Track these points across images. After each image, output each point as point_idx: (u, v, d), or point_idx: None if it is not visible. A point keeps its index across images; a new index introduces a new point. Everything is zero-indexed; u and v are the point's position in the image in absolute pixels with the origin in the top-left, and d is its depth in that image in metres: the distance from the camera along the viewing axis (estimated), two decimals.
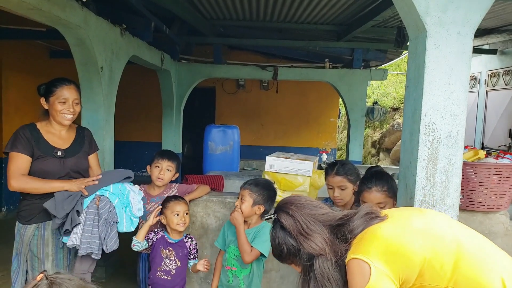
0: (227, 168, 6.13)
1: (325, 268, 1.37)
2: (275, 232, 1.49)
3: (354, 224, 1.40)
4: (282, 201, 1.54)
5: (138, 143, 9.04)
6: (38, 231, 2.39)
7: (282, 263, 1.55)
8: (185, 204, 2.65)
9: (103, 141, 3.90)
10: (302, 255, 1.42)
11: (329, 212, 1.47)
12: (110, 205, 2.42)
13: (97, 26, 3.69)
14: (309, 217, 1.43)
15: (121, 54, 4.31)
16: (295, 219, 1.43)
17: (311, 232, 1.40)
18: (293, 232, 1.43)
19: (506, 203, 2.61)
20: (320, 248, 1.38)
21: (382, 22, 5.61)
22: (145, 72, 6.99)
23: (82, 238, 2.33)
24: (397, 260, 1.28)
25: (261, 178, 2.66)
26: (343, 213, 1.46)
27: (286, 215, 1.46)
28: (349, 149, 7.53)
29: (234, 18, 6.23)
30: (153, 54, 5.56)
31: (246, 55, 8.56)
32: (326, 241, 1.39)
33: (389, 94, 13.46)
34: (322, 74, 7.37)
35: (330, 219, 1.44)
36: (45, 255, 2.39)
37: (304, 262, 1.42)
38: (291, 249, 1.43)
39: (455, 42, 1.85)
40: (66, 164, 2.44)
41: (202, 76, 7.25)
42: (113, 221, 2.43)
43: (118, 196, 2.47)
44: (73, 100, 2.44)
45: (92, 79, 3.81)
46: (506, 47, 7.04)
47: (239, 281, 2.41)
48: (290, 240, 1.43)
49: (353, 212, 1.45)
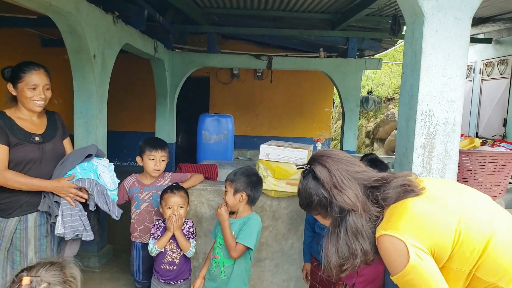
0: (221, 158, 6.10)
1: (358, 223, 1.34)
2: (306, 182, 1.45)
3: (388, 193, 1.35)
4: (318, 153, 1.49)
5: (131, 133, 8.98)
6: (20, 224, 2.31)
7: (307, 213, 1.53)
8: (180, 196, 2.58)
9: (96, 131, 3.86)
10: (333, 207, 1.38)
11: (365, 171, 1.43)
12: (91, 179, 2.35)
13: (89, 13, 3.62)
14: (344, 172, 1.39)
15: (113, 42, 4.25)
16: (331, 172, 1.39)
17: (345, 187, 1.36)
18: (327, 185, 1.38)
19: (501, 191, 2.61)
20: (353, 203, 1.34)
21: (377, 11, 5.57)
22: (139, 61, 6.91)
23: (64, 224, 2.28)
24: (430, 239, 1.25)
25: (242, 167, 2.60)
26: (379, 175, 1.41)
27: (321, 167, 1.41)
28: (343, 139, 7.53)
29: (228, 6, 6.17)
30: (146, 42, 5.49)
31: (240, 44, 8.49)
32: (358, 198, 1.35)
33: (383, 84, 13.45)
34: (316, 64, 7.34)
35: (366, 178, 1.40)
36: (29, 248, 2.33)
37: (335, 214, 1.38)
38: (323, 200, 1.40)
39: (453, 26, 1.83)
40: (45, 149, 2.36)
41: (196, 65, 7.19)
42: (104, 190, 2.37)
43: (91, 171, 2.40)
44: (43, 86, 2.32)
45: (84, 68, 3.76)
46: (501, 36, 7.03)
47: (220, 271, 2.36)
48: (323, 191, 1.39)
49: (389, 178, 1.39)
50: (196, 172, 3.25)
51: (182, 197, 2.60)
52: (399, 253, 1.24)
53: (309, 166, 1.47)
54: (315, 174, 1.42)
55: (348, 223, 1.35)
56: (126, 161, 8.94)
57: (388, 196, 1.35)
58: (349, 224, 1.35)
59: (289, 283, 3.14)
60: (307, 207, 1.48)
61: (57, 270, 1.24)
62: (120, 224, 2.65)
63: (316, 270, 2.59)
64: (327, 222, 1.46)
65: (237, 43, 8.56)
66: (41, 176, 2.32)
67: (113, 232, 4.17)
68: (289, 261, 3.10)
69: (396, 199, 1.34)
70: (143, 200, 2.80)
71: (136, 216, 2.81)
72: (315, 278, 2.58)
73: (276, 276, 3.13)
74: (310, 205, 1.45)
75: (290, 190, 2.90)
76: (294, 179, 2.91)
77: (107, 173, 2.44)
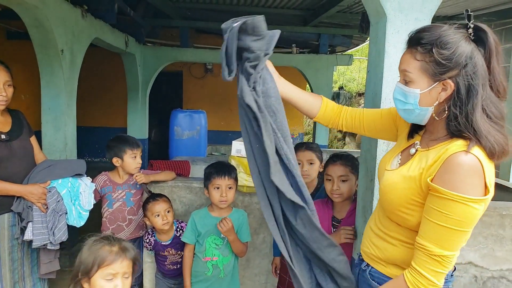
0: (194, 154, 6.10)
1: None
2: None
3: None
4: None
5: (102, 129, 8.83)
6: None
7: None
8: (163, 201, 2.56)
9: (65, 127, 3.79)
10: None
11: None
12: (58, 195, 2.35)
13: (56, 6, 3.55)
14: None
15: (82, 37, 4.17)
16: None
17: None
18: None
19: None
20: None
21: (347, 8, 5.68)
22: (109, 56, 6.80)
23: (33, 230, 2.26)
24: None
25: (223, 162, 2.62)
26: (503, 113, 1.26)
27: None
28: (315, 134, 7.65)
29: (201, 1, 6.13)
30: (117, 36, 5.41)
31: (213, 39, 8.46)
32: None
33: (354, 80, 13.69)
34: (289, 59, 7.40)
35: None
36: (1, 250, 2.29)
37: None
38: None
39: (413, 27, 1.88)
40: (13, 147, 2.32)
41: (168, 59, 7.12)
42: (61, 212, 2.35)
43: (67, 188, 2.40)
44: (4, 83, 2.24)
45: (52, 62, 3.68)
46: None
47: (220, 271, 2.34)
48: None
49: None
50: (168, 169, 3.24)
51: (165, 202, 2.56)
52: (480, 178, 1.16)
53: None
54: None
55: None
56: (97, 157, 8.79)
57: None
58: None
59: (260, 277, 3.19)
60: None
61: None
62: (90, 222, 2.63)
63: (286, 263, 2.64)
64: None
65: (210, 37, 8.52)
66: (11, 175, 2.28)
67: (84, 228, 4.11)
68: (260, 256, 3.15)
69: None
70: (116, 199, 2.78)
71: (108, 215, 2.79)
72: (285, 271, 2.64)
73: (248, 271, 3.18)
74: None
75: None
76: None
77: (87, 193, 2.46)
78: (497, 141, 1.18)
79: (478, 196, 1.15)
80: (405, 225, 1.34)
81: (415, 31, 1.31)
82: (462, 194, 1.14)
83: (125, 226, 2.78)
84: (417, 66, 1.26)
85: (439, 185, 1.17)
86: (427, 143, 1.34)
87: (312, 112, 1.69)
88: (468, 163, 1.16)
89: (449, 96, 1.24)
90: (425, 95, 1.26)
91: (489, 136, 1.18)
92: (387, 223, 1.42)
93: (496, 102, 1.23)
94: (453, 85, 1.22)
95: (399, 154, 1.46)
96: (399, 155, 1.45)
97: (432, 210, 1.19)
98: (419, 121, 1.34)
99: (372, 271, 1.46)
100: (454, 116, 1.22)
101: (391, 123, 1.59)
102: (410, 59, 1.28)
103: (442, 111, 1.27)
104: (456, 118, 1.22)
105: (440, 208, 1.17)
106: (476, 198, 1.14)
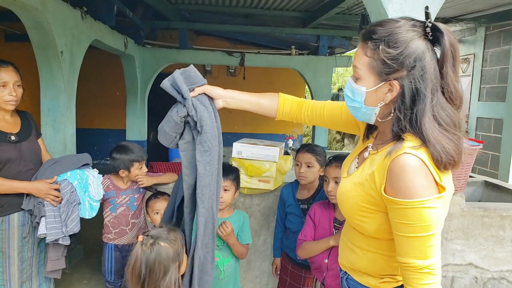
0: None
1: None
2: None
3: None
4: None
5: (101, 130, 8.81)
6: (2, 225, 2.26)
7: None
8: (164, 199, 2.58)
9: (64, 129, 3.78)
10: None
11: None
12: (71, 186, 2.36)
13: (56, 8, 3.54)
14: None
15: (82, 38, 4.17)
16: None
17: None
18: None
19: (462, 185, 2.74)
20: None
21: (346, 9, 5.69)
22: (108, 57, 6.79)
23: (47, 225, 2.27)
24: None
25: (223, 163, 2.62)
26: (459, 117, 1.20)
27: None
28: (314, 135, 7.65)
29: (200, 2, 6.14)
30: (116, 38, 5.40)
31: (212, 40, 8.47)
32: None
33: None
34: (288, 61, 7.41)
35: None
36: (11, 249, 2.29)
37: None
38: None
39: None
40: (22, 148, 2.32)
41: (167, 61, 7.12)
42: (75, 202, 2.36)
43: (77, 179, 2.42)
44: (14, 83, 2.24)
45: (51, 64, 3.67)
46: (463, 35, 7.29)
47: (220, 272, 2.32)
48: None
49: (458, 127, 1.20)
50: (168, 170, 3.24)
51: (166, 200, 2.56)
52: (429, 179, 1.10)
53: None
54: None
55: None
56: (96, 159, 8.77)
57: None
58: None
59: (261, 278, 3.19)
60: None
61: (164, 231, 1.54)
62: (90, 224, 2.62)
63: (286, 264, 2.64)
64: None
65: (209, 39, 8.53)
66: (20, 176, 2.28)
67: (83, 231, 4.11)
68: (261, 257, 3.15)
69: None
70: (120, 204, 2.76)
71: (111, 219, 2.77)
72: (286, 272, 2.64)
73: (249, 272, 3.18)
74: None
75: (263, 187, 2.95)
76: (266, 176, 2.96)
77: (95, 184, 2.48)
78: (445, 150, 1.11)
79: (433, 194, 1.09)
80: (365, 233, 1.30)
81: (371, 24, 1.22)
82: (416, 199, 1.08)
83: (128, 230, 2.78)
84: (365, 63, 1.17)
85: (392, 195, 1.12)
86: (377, 146, 1.29)
87: (271, 114, 1.63)
88: (411, 165, 1.10)
89: (395, 98, 1.16)
90: (371, 94, 1.19)
91: (436, 144, 1.11)
92: (351, 232, 1.38)
93: (448, 108, 1.14)
94: (398, 87, 1.14)
95: (357, 158, 1.40)
96: (357, 158, 1.40)
97: (397, 224, 1.14)
98: (367, 120, 1.28)
99: (348, 278, 1.43)
100: (397, 119, 1.16)
101: (351, 118, 1.49)
102: (361, 54, 1.19)
103: (388, 113, 1.21)
104: (399, 122, 1.15)
105: (403, 219, 1.12)
106: (431, 198, 1.09)
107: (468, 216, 2.74)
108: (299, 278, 2.57)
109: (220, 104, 1.58)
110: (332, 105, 1.59)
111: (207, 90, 1.51)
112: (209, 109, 1.48)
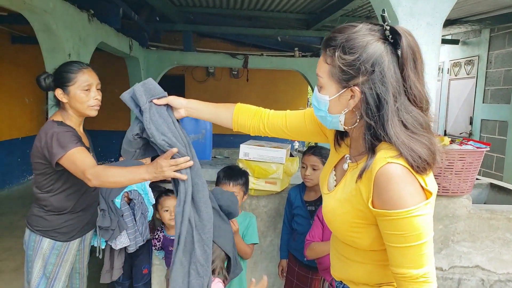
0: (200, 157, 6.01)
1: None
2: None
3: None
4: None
5: (106, 132, 8.84)
6: (80, 245, 2.17)
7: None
8: (174, 198, 2.60)
9: None
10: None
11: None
12: (139, 196, 2.41)
13: (64, 11, 3.57)
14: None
15: (89, 41, 4.19)
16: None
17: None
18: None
19: (469, 188, 2.75)
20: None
21: (351, 12, 5.70)
22: (114, 59, 6.82)
23: (129, 236, 2.35)
24: None
25: (234, 167, 2.65)
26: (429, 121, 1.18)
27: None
28: None
29: (204, 5, 6.16)
30: (121, 40, 5.44)
31: (216, 43, 8.49)
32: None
33: None
34: (291, 63, 7.43)
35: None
36: (84, 268, 2.26)
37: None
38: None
39: (425, 32, 1.92)
40: None
41: (171, 63, 7.15)
42: (146, 212, 2.41)
43: (140, 187, 2.47)
44: (97, 85, 2.02)
45: None
46: (467, 37, 7.31)
47: None
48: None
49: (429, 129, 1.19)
50: None
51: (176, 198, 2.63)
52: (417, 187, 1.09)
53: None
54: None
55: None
56: (100, 160, 8.78)
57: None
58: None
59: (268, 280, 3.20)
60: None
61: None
62: None
63: (293, 265, 2.65)
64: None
65: (213, 41, 8.56)
66: (91, 194, 2.14)
67: None
68: (268, 258, 3.16)
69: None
70: None
71: None
72: (292, 274, 2.65)
73: (255, 273, 3.18)
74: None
75: (269, 189, 2.96)
76: (273, 178, 2.97)
77: (150, 193, 2.54)
78: (416, 152, 1.09)
79: (421, 202, 1.08)
80: (359, 247, 1.27)
81: (332, 30, 1.18)
82: (405, 209, 1.07)
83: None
84: (326, 71, 1.15)
85: (381, 208, 1.10)
86: (355, 156, 1.25)
87: (227, 124, 1.56)
88: (397, 174, 1.08)
89: (357, 104, 1.13)
90: (334, 101, 1.17)
91: (404, 148, 1.08)
92: (342, 246, 1.35)
93: (413, 111, 1.12)
94: (359, 93, 1.11)
95: (333, 170, 1.36)
96: (333, 171, 1.35)
97: (388, 235, 1.13)
98: (336, 128, 1.25)
99: (345, 287, 1.40)
100: (368, 126, 1.13)
101: (316, 127, 1.44)
102: (322, 62, 1.17)
103: (354, 120, 1.18)
104: (370, 128, 1.13)
105: (394, 230, 1.10)
106: (419, 206, 1.07)
107: (475, 219, 2.74)
108: (306, 280, 2.58)
109: (182, 113, 1.56)
110: (294, 114, 1.54)
111: (169, 100, 1.51)
112: (167, 120, 1.48)
